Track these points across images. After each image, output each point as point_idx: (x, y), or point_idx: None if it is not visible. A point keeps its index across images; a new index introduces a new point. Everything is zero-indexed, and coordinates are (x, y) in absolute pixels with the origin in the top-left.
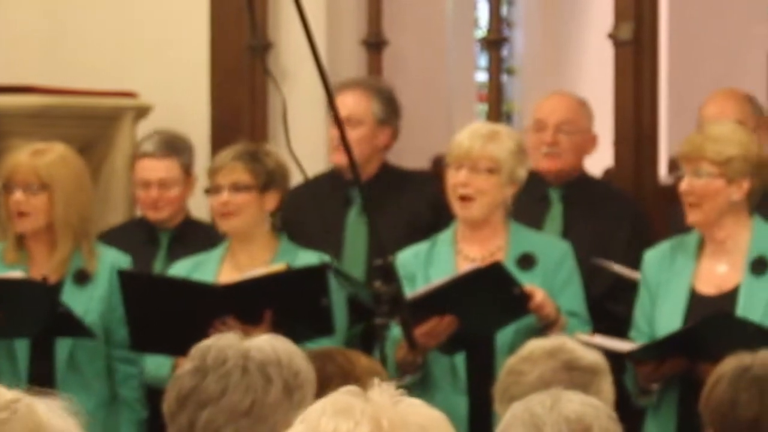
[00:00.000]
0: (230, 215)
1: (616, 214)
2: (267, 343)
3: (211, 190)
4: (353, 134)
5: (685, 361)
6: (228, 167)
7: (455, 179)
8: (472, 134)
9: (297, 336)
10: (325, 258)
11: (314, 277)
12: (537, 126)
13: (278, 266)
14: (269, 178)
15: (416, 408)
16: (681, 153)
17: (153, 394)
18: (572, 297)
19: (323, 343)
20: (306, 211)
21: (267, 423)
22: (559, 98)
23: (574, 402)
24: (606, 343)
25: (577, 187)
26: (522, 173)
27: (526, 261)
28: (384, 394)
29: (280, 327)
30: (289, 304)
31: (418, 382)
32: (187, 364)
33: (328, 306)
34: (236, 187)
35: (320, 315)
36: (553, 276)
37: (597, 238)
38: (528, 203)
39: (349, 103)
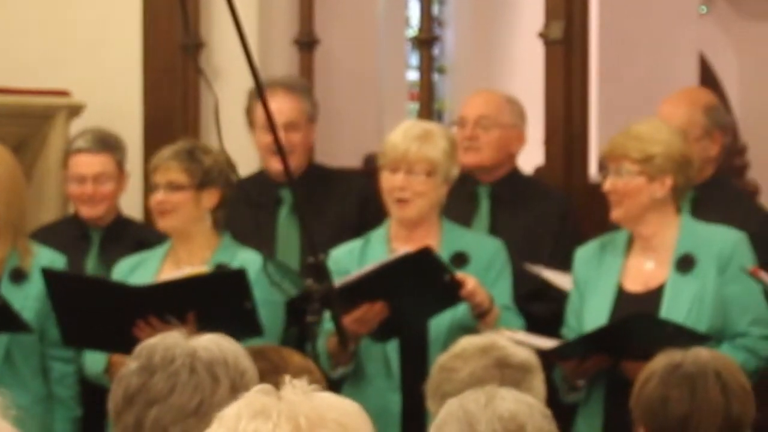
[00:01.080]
0: (166, 214)
1: (545, 211)
2: (213, 343)
3: (151, 188)
4: (296, 138)
5: (608, 358)
6: (164, 166)
7: (392, 183)
8: (406, 136)
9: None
10: (261, 259)
11: (235, 280)
12: (459, 122)
13: (199, 269)
14: (206, 176)
15: (331, 402)
16: (605, 152)
17: (87, 392)
18: (504, 292)
19: (256, 343)
20: (238, 211)
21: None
22: (481, 94)
23: (508, 400)
24: (530, 340)
25: (506, 185)
26: (455, 171)
27: (460, 259)
28: (297, 391)
29: (205, 328)
30: (211, 306)
31: (351, 377)
32: (132, 363)
33: (252, 308)
34: (171, 186)
35: (245, 317)
36: (485, 273)
37: (525, 235)
38: (456, 201)
39: (284, 108)
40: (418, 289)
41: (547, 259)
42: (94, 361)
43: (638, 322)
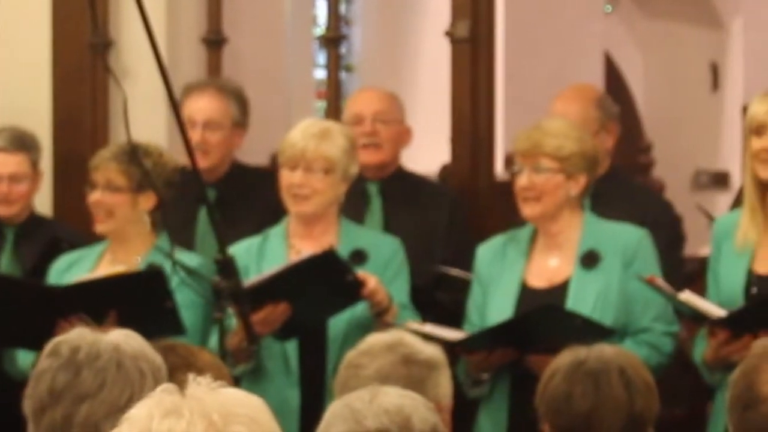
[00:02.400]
0: (103, 217)
1: (434, 206)
2: (128, 338)
3: (90, 187)
4: (213, 138)
5: (515, 351)
6: (103, 166)
7: (290, 180)
8: (305, 134)
9: (148, 336)
10: (200, 259)
11: (154, 280)
12: (355, 119)
13: (119, 268)
14: (145, 179)
15: (237, 398)
16: (519, 149)
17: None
18: (401, 290)
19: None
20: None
21: None
22: (372, 91)
23: (391, 395)
24: (436, 332)
25: (395, 181)
26: (354, 169)
27: (358, 256)
28: (203, 388)
29: (126, 327)
30: (132, 306)
31: (251, 373)
32: (48, 360)
33: (173, 308)
34: (110, 187)
35: (167, 316)
36: (383, 271)
37: (417, 230)
38: (348, 199)
39: (207, 107)
40: (320, 288)
41: (439, 254)
42: (23, 358)
43: (546, 314)
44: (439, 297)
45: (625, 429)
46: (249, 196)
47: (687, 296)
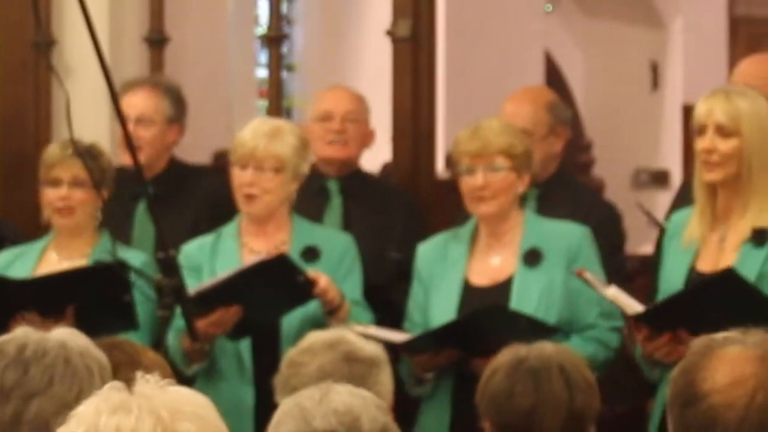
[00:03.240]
0: (68, 211)
1: (393, 205)
2: (73, 335)
3: (49, 184)
4: (145, 134)
5: (459, 352)
6: (66, 163)
7: (241, 179)
8: (255, 133)
9: (101, 330)
10: (144, 257)
11: (114, 273)
12: (324, 116)
13: (78, 262)
14: (102, 176)
15: (184, 395)
16: (468, 150)
17: None
18: (354, 287)
19: (132, 337)
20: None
21: None
22: (342, 90)
23: (342, 394)
24: (381, 334)
25: (355, 179)
26: (305, 168)
27: (311, 253)
28: (151, 386)
29: (82, 321)
30: (90, 300)
31: (205, 372)
32: None
33: (130, 302)
34: (76, 183)
35: (123, 310)
36: (336, 268)
37: (376, 228)
38: (306, 195)
39: (140, 103)
40: (271, 290)
41: (396, 252)
42: None
43: (491, 314)
44: (394, 297)
45: (566, 426)
46: (185, 194)
47: (612, 292)
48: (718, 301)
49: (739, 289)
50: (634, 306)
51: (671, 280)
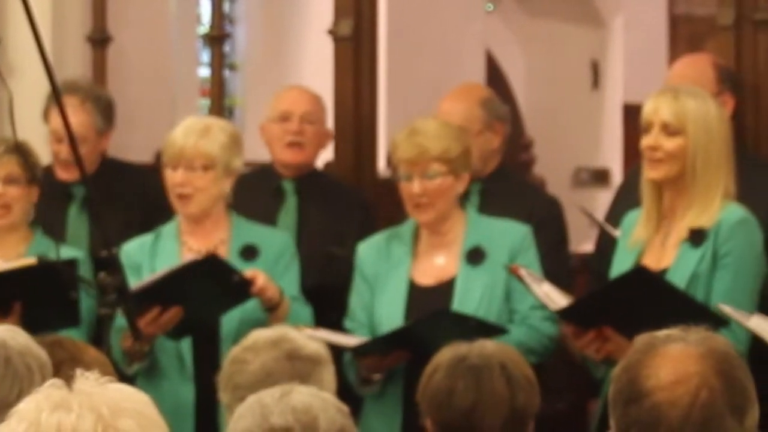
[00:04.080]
0: (5, 208)
1: (347, 205)
2: (13, 334)
3: None
4: (80, 152)
5: (407, 354)
6: (3, 160)
7: (173, 180)
8: (185, 132)
9: (44, 327)
10: (80, 255)
11: (65, 270)
12: (282, 116)
13: (29, 260)
14: (34, 172)
15: (124, 393)
16: (404, 157)
17: None
18: (292, 283)
19: (72, 334)
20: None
21: None
22: (302, 91)
23: (303, 394)
24: (330, 337)
25: (311, 180)
26: (238, 163)
27: (249, 252)
28: (91, 383)
29: (27, 318)
30: (38, 297)
31: (146, 371)
32: None
33: (76, 299)
34: (10, 180)
35: (69, 307)
36: (274, 265)
37: (331, 227)
38: (262, 196)
39: (72, 122)
40: (209, 290)
41: (351, 251)
42: None
43: (441, 318)
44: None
45: (507, 424)
46: (119, 191)
47: (546, 289)
48: (633, 298)
49: (651, 285)
50: (561, 302)
51: (623, 272)
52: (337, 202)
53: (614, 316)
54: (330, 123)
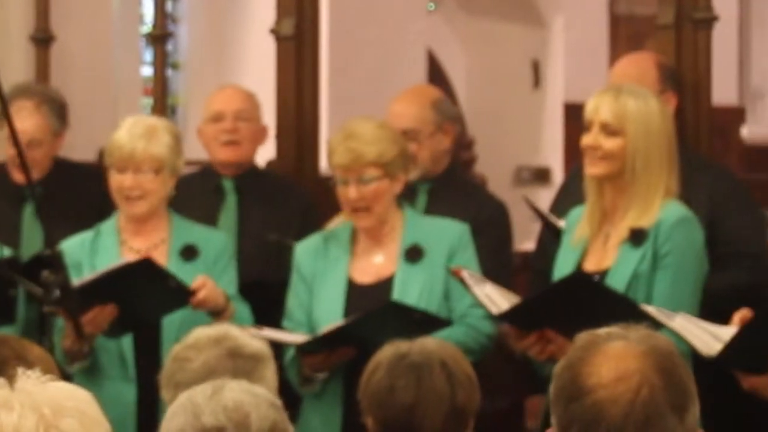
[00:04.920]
0: None
1: (288, 202)
2: None
3: None
4: (37, 154)
5: (353, 350)
6: None
7: (120, 182)
8: (131, 135)
9: None
10: (12, 253)
11: (3, 268)
12: (215, 117)
13: None
14: None
15: (66, 391)
16: (340, 163)
17: None
18: (230, 282)
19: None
20: None
21: None
22: (233, 90)
23: (234, 391)
24: (275, 336)
25: (250, 178)
26: (181, 164)
27: (189, 252)
28: (33, 382)
29: None
30: None
31: (88, 370)
32: None
33: (15, 297)
34: None
35: (6, 304)
36: (213, 265)
37: (272, 226)
38: (203, 195)
39: (28, 128)
40: (147, 292)
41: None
42: None
43: (387, 312)
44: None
45: (447, 421)
46: (72, 192)
47: (488, 290)
48: (574, 301)
49: (590, 289)
50: (501, 305)
51: (558, 277)
52: (278, 200)
53: (555, 318)
54: (271, 121)
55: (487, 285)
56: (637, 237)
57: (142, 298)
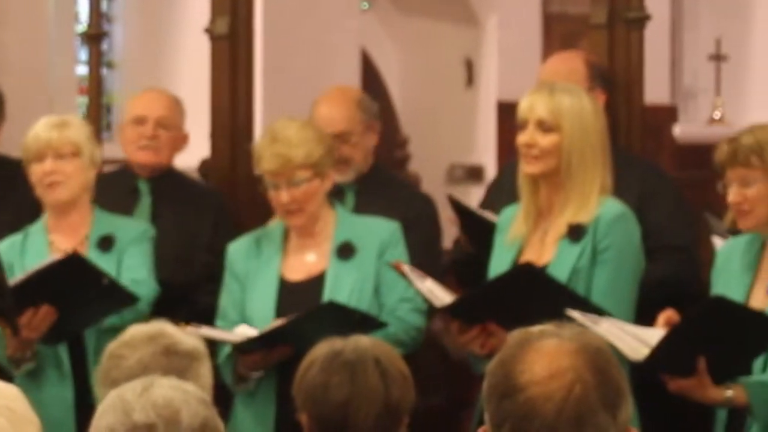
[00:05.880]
0: None
1: (201, 205)
2: None
3: None
4: None
5: (291, 349)
6: None
7: (41, 170)
8: (46, 126)
9: None
10: None
11: None
12: (137, 120)
13: None
14: None
15: None
16: (269, 169)
17: None
18: (139, 265)
19: None
20: None
21: None
22: (158, 95)
23: (164, 387)
24: (213, 334)
25: (166, 180)
26: (99, 156)
27: (105, 242)
28: None
29: None
30: None
31: (28, 373)
32: None
33: None
34: None
35: None
36: (126, 247)
37: (184, 229)
38: (118, 195)
39: None
40: (80, 291)
41: (205, 250)
42: None
43: (326, 311)
44: (200, 298)
45: (381, 418)
46: (8, 190)
47: (428, 285)
48: (519, 293)
49: (537, 281)
50: (444, 299)
51: (494, 274)
52: (192, 203)
53: (499, 311)
54: (205, 120)
55: (427, 280)
56: (575, 232)
57: (77, 298)
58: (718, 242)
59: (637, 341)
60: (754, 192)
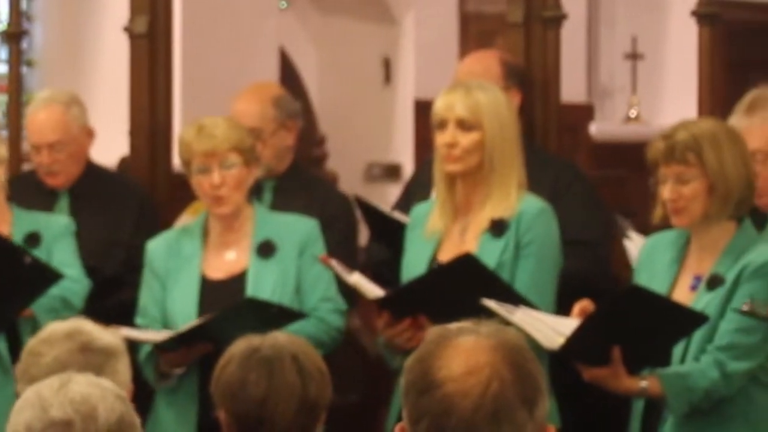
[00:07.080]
0: None
1: (123, 199)
2: None
3: None
4: None
5: (211, 346)
6: None
7: None
8: None
9: None
10: None
11: None
12: (33, 147)
13: None
14: None
15: None
16: (201, 149)
17: None
18: (65, 262)
19: None
20: None
21: None
22: (46, 117)
23: (81, 384)
24: (133, 334)
25: (84, 178)
26: (5, 152)
27: (32, 239)
28: None
29: None
30: None
31: None
32: None
33: None
34: None
35: None
36: (53, 243)
37: (105, 225)
38: (37, 195)
39: None
40: (4, 274)
41: (123, 252)
42: None
43: (245, 308)
44: (123, 294)
45: (299, 414)
46: None
47: (356, 278)
48: (456, 286)
49: (476, 273)
50: (376, 291)
51: (413, 269)
52: (114, 198)
53: (431, 303)
54: (124, 118)
55: (354, 274)
56: (497, 227)
57: (2, 281)
58: (629, 244)
59: (552, 331)
60: (689, 190)
